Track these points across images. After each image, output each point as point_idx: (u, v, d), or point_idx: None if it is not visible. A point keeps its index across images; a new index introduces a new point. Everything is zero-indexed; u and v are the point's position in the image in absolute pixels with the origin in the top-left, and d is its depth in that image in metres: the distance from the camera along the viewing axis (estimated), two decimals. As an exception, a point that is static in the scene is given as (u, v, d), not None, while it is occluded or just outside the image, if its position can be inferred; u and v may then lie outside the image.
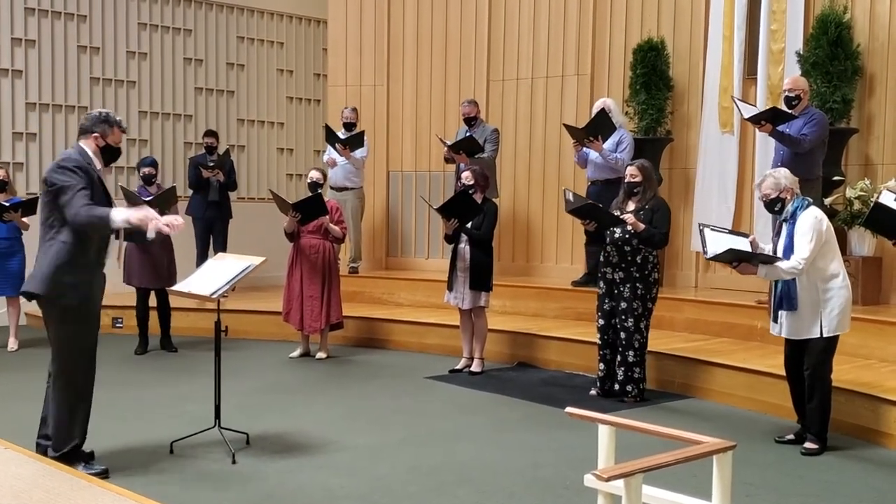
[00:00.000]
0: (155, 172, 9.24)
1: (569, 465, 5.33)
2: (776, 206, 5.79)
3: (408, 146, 11.38)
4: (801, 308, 5.65)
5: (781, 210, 5.77)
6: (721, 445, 3.66)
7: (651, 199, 6.94)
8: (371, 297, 10.50)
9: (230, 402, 6.14)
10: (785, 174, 5.84)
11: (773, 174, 5.87)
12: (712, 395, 7.16)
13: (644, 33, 9.57)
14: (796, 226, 5.64)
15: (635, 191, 6.96)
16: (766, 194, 5.80)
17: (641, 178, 6.94)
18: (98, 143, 5.11)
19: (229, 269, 5.66)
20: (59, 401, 5.00)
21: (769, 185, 5.79)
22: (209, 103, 12.09)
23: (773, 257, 5.70)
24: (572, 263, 10.13)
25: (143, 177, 9.15)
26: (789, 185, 5.76)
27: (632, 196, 6.98)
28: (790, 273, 5.58)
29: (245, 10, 12.32)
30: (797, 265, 5.55)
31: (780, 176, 5.80)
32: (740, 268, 5.71)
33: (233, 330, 9.39)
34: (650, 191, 6.95)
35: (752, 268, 5.65)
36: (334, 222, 8.59)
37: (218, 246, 10.45)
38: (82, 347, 5.03)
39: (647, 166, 7.07)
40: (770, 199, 5.79)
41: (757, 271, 5.63)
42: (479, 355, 8.11)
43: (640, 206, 6.91)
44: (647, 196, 6.93)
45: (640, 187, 6.94)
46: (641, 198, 6.94)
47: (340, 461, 5.49)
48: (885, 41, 8.28)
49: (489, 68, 10.85)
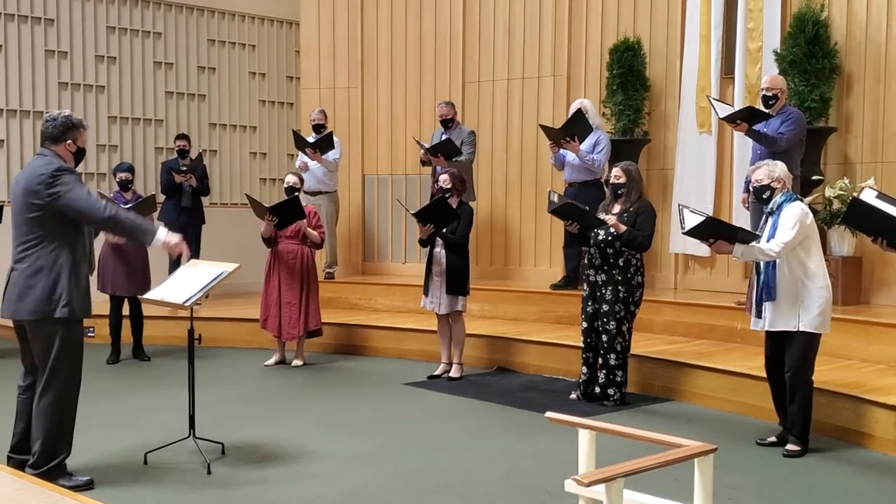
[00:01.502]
0: (131, 178, 9.19)
1: (550, 471, 5.34)
2: (765, 193, 5.82)
3: (383, 149, 11.37)
4: (779, 298, 5.69)
5: (769, 200, 5.81)
6: (702, 448, 3.68)
7: (636, 200, 6.97)
8: (347, 302, 10.48)
9: (205, 412, 6.11)
10: (781, 166, 5.90)
11: (769, 163, 5.94)
12: (693, 398, 7.20)
13: (620, 33, 9.62)
14: (781, 215, 5.68)
15: (619, 192, 6.99)
16: (759, 180, 5.84)
17: (626, 180, 6.96)
18: (70, 149, 5.12)
19: (202, 275, 5.63)
20: (48, 415, 4.98)
21: (763, 172, 5.85)
22: (180, 107, 12.03)
23: (753, 234, 5.73)
24: (551, 266, 10.16)
25: (119, 182, 9.09)
26: (782, 177, 5.81)
27: (617, 198, 7.01)
28: (766, 255, 5.62)
29: (216, 13, 12.27)
30: (775, 247, 5.59)
31: (775, 166, 5.88)
32: (716, 245, 5.70)
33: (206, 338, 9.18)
34: (635, 192, 6.98)
35: (728, 246, 5.64)
36: (312, 226, 8.57)
37: (191, 252, 10.37)
38: (76, 359, 5.06)
39: (631, 168, 7.09)
40: (761, 185, 5.83)
41: (733, 250, 5.65)
42: (458, 360, 8.11)
43: (625, 208, 6.95)
44: (633, 198, 6.96)
45: (625, 188, 6.97)
46: (626, 199, 6.97)
47: (318, 470, 5.47)
48: (863, 39, 8.36)
49: (464, 70, 10.87)
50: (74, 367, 5.07)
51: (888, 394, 6.03)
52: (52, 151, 5.06)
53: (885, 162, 8.21)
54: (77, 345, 5.08)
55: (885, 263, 8.12)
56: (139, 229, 5.14)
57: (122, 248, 8.50)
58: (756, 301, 5.84)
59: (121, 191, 9.03)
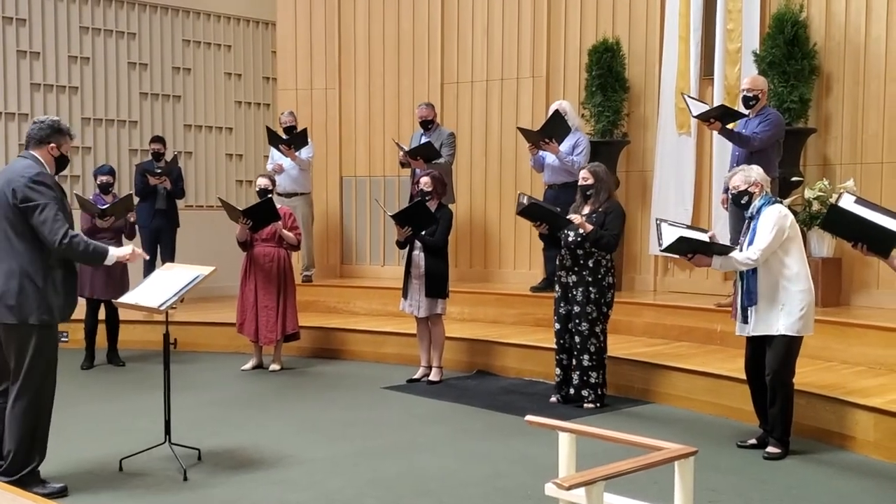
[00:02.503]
0: (112, 181, 9.15)
1: (530, 474, 5.36)
2: (743, 199, 5.86)
3: (361, 151, 11.36)
4: (760, 302, 5.73)
5: (748, 205, 5.84)
6: (682, 451, 3.70)
7: (605, 201, 7.04)
8: (325, 306, 10.46)
9: (181, 417, 6.08)
10: (757, 170, 5.93)
11: (744, 168, 5.97)
12: (673, 400, 7.23)
13: (599, 34, 9.65)
14: (759, 220, 5.72)
15: (588, 193, 7.06)
16: (736, 186, 5.87)
17: (594, 181, 7.05)
18: (53, 153, 5.10)
19: (177, 279, 5.61)
20: (21, 422, 4.94)
21: (739, 178, 5.88)
22: (155, 108, 11.97)
23: (728, 247, 5.79)
24: (531, 269, 10.18)
25: (99, 185, 9.05)
26: (759, 181, 5.85)
27: (586, 199, 7.09)
28: (744, 264, 5.67)
29: (191, 13, 12.23)
30: (752, 255, 5.63)
31: (751, 171, 5.90)
32: (695, 259, 5.77)
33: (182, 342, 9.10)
34: (603, 193, 7.06)
35: (706, 259, 5.73)
36: (288, 228, 8.55)
37: (165, 255, 10.36)
38: (51, 365, 5.04)
39: (598, 169, 7.18)
40: (739, 191, 5.86)
41: (712, 262, 5.70)
42: (438, 364, 8.12)
43: (594, 209, 7.02)
44: (601, 198, 7.04)
45: (593, 189, 7.04)
46: (595, 200, 7.04)
47: (296, 476, 5.46)
48: (841, 40, 8.42)
49: (443, 71, 10.88)
50: (49, 373, 5.04)
51: (868, 396, 6.08)
52: (34, 155, 5.04)
53: (865, 163, 8.27)
54: (52, 350, 5.04)
55: (865, 265, 8.19)
56: (91, 256, 5.06)
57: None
58: (741, 306, 5.88)
59: (101, 193, 8.98)
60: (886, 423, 5.75)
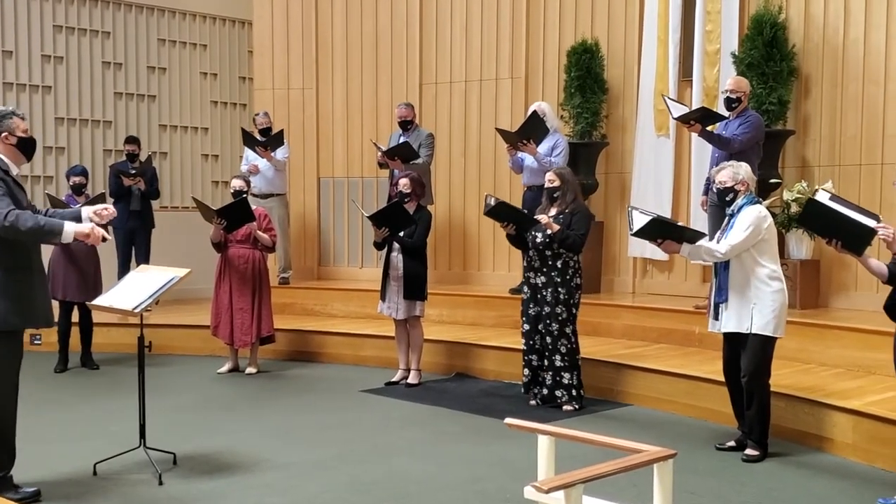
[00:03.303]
0: (85, 182, 9.12)
1: (509, 477, 5.37)
2: (728, 195, 5.88)
3: (339, 151, 11.36)
4: (732, 299, 5.77)
5: (732, 202, 5.87)
6: (661, 454, 3.73)
7: (571, 202, 7.12)
8: (302, 308, 10.45)
9: (156, 421, 6.06)
10: (746, 169, 5.95)
11: (733, 165, 5.98)
12: (652, 403, 7.27)
13: (578, 35, 9.70)
14: (738, 217, 5.76)
15: (555, 196, 7.13)
16: (723, 182, 5.88)
17: (560, 183, 7.13)
18: (8, 141, 4.96)
19: (152, 281, 5.59)
20: None
21: (727, 175, 5.89)
22: (129, 108, 11.91)
23: (700, 233, 5.81)
24: (510, 271, 10.20)
25: (72, 186, 9.00)
26: (746, 180, 5.88)
27: (553, 201, 7.16)
28: (711, 255, 5.71)
29: (166, 12, 12.18)
30: (721, 248, 5.67)
31: (739, 168, 5.92)
32: (664, 245, 5.78)
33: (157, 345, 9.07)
34: (570, 194, 7.14)
35: (675, 245, 5.74)
36: (262, 229, 8.52)
37: (140, 257, 10.31)
38: (15, 369, 4.96)
39: (564, 172, 7.29)
40: (725, 187, 5.87)
41: (680, 249, 5.73)
42: (416, 367, 8.13)
43: (561, 210, 7.10)
44: (567, 199, 7.12)
45: (559, 192, 7.11)
46: (561, 202, 7.12)
47: (273, 480, 5.45)
48: (820, 42, 8.50)
49: (421, 71, 10.89)
50: (8, 380, 4.94)
51: (847, 398, 6.14)
52: None
53: (843, 165, 8.35)
54: (12, 357, 4.94)
55: (843, 267, 8.26)
56: (42, 232, 4.80)
57: (72, 251, 8.42)
58: (713, 303, 5.93)
59: (73, 195, 8.93)
60: (864, 425, 5.80)
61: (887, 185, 8.04)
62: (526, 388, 7.33)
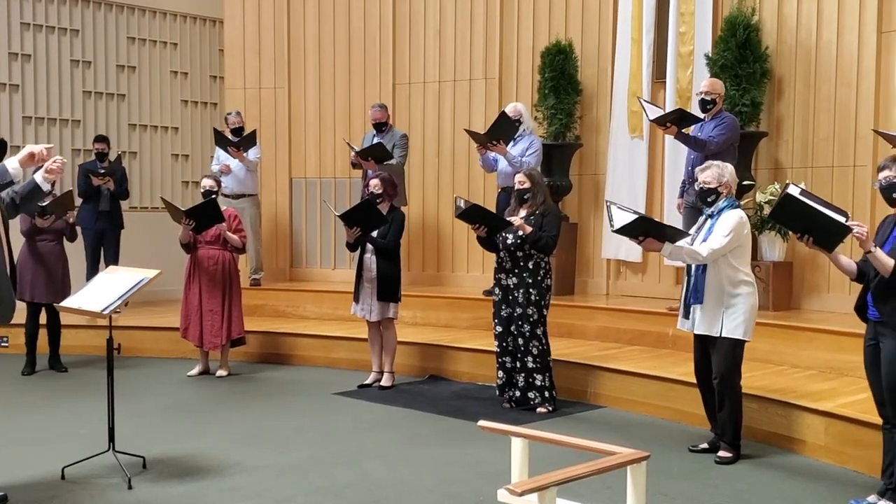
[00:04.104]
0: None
1: (482, 480, 5.38)
2: (710, 196, 5.88)
3: (311, 151, 11.34)
4: (706, 302, 5.79)
5: (713, 203, 5.89)
6: (635, 456, 3.76)
7: (541, 204, 7.15)
8: (274, 310, 10.42)
9: (125, 425, 6.03)
10: (730, 171, 5.95)
11: (718, 165, 5.95)
12: (626, 405, 7.31)
13: (552, 36, 9.73)
14: (719, 220, 5.78)
15: (525, 197, 7.16)
16: (707, 182, 5.87)
17: (530, 185, 7.16)
18: None
19: (121, 282, 5.57)
20: None
21: (712, 175, 5.87)
22: (98, 107, 11.84)
23: (684, 232, 5.80)
24: (483, 272, 10.21)
25: None
26: (729, 182, 5.90)
27: (523, 203, 7.18)
28: (692, 257, 5.71)
29: (136, 10, 12.11)
30: (703, 251, 5.68)
31: (724, 170, 5.91)
32: (646, 243, 5.74)
33: (126, 348, 9.12)
34: (540, 196, 7.18)
35: (657, 244, 5.70)
36: (232, 230, 8.48)
37: (109, 258, 10.25)
38: None
39: (534, 173, 7.33)
40: (709, 188, 5.86)
41: (662, 248, 5.70)
42: (389, 369, 8.13)
43: (531, 212, 7.12)
44: (538, 201, 7.15)
45: (530, 193, 7.14)
46: (532, 203, 7.14)
47: (244, 484, 5.44)
48: (793, 43, 8.57)
49: (394, 71, 10.89)
50: None
51: (819, 399, 6.20)
52: None
53: (816, 167, 8.42)
54: None
55: (816, 269, 8.34)
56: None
57: (40, 252, 8.37)
58: (685, 303, 5.96)
59: (40, 193, 8.86)
60: (836, 426, 5.86)
61: (859, 186, 8.13)
62: (500, 390, 7.35)
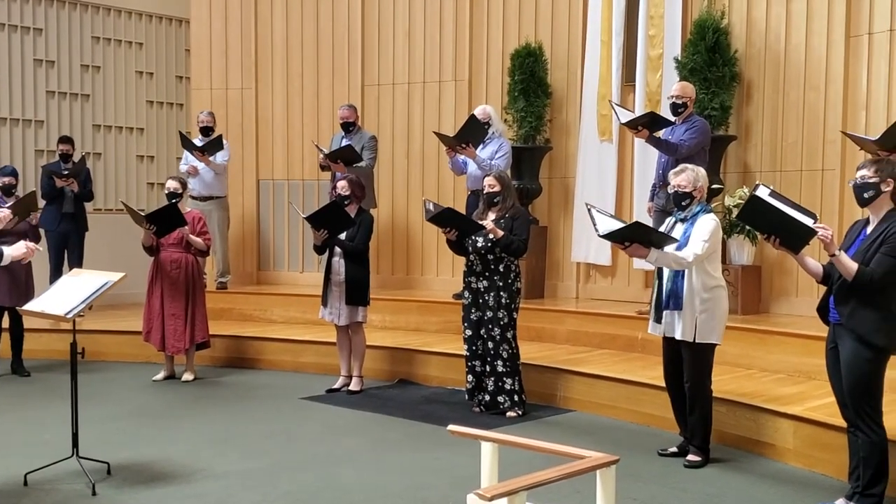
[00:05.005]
0: (15, 183, 8.98)
1: (452, 485, 5.40)
2: (685, 200, 5.91)
3: (279, 153, 11.30)
4: (685, 308, 5.82)
5: (687, 207, 5.92)
6: (604, 460, 3.78)
7: (510, 207, 7.18)
8: (241, 313, 10.37)
9: (89, 430, 5.99)
10: (703, 174, 5.99)
11: (693, 169, 5.98)
12: (595, 408, 7.35)
13: (522, 38, 9.77)
14: (696, 226, 5.81)
15: (495, 200, 7.18)
16: (682, 185, 5.89)
17: (500, 188, 7.17)
18: None
19: (85, 285, 5.55)
20: None
21: (688, 179, 5.89)
22: (62, 108, 11.75)
23: (671, 238, 5.76)
24: (453, 275, 10.22)
25: (2, 187, 8.83)
26: (703, 187, 5.94)
27: (492, 206, 7.21)
28: (678, 262, 5.72)
29: (101, 9, 12.03)
30: (688, 257, 5.69)
31: (698, 174, 5.95)
32: (631, 249, 5.67)
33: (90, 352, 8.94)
34: (510, 199, 7.21)
35: (643, 250, 5.64)
36: (196, 233, 8.43)
37: (73, 261, 10.18)
38: None
39: (504, 176, 7.36)
40: (684, 191, 5.89)
41: (647, 255, 5.66)
42: (358, 373, 8.12)
43: (501, 215, 7.14)
44: (507, 205, 7.18)
45: (500, 196, 7.16)
46: (501, 207, 7.17)
47: (210, 490, 5.42)
48: (762, 47, 8.65)
49: (363, 72, 10.88)
50: None
51: (788, 403, 6.26)
52: None
53: (784, 171, 8.51)
54: None
55: (784, 272, 8.43)
56: None
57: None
58: (657, 307, 5.99)
59: (3, 195, 8.79)
60: (805, 430, 5.92)
61: (827, 190, 8.22)
62: (470, 394, 7.36)
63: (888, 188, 4.76)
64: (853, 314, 4.77)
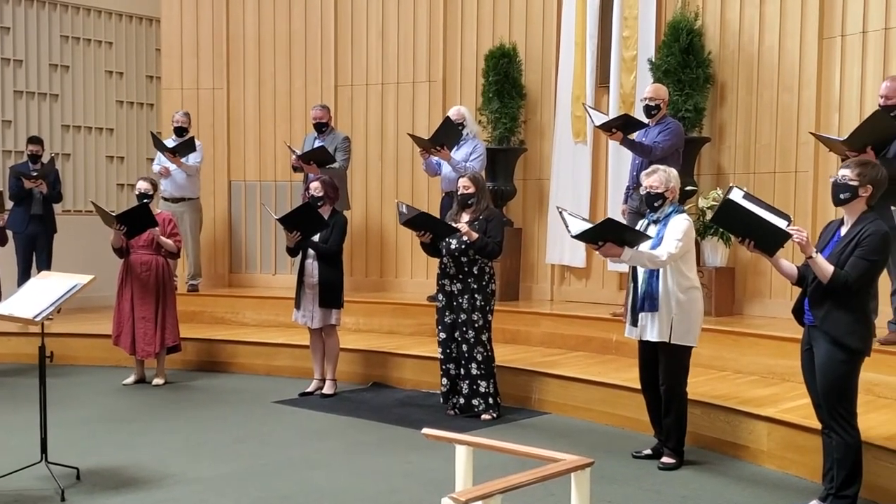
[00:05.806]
0: None
1: (426, 489, 5.40)
2: (657, 201, 5.93)
3: (251, 154, 11.26)
4: (660, 309, 5.85)
5: (660, 208, 5.95)
6: (578, 462, 3.80)
7: (485, 209, 7.20)
8: (213, 316, 10.33)
9: (58, 435, 5.95)
10: (675, 175, 6.02)
11: (665, 169, 6.01)
12: (570, 411, 7.37)
13: (496, 39, 9.79)
14: (669, 226, 5.83)
15: (469, 202, 7.19)
16: (654, 186, 5.92)
17: (475, 189, 7.19)
18: None
19: (54, 288, 5.51)
20: None
21: (659, 179, 5.92)
22: (31, 108, 11.66)
23: (644, 235, 5.78)
24: (427, 278, 10.21)
25: None
26: (675, 188, 5.98)
27: (466, 207, 7.22)
28: (652, 261, 5.74)
29: (69, 7, 11.95)
30: (662, 255, 5.71)
31: (670, 174, 5.98)
32: (605, 248, 5.67)
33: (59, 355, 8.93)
34: (484, 201, 7.23)
35: (617, 249, 5.65)
36: (167, 235, 8.38)
37: (41, 263, 10.12)
38: None
39: (478, 177, 7.37)
40: (656, 192, 5.92)
41: (622, 254, 5.67)
42: (332, 376, 8.11)
43: (475, 217, 7.15)
44: (481, 207, 7.20)
45: (474, 198, 7.18)
46: (476, 208, 7.18)
47: (181, 496, 5.39)
48: (735, 49, 8.72)
49: (337, 73, 10.86)
50: None
51: (761, 405, 6.30)
52: None
53: (758, 173, 8.57)
54: None
55: (758, 274, 8.49)
56: None
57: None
58: (633, 309, 6.02)
59: (-30, 196, 8.74)
60: (779, 432, 5.97)
61: (801, 192, 8.29)
62: (444, 397, 7.37)
63: (865, 193, 4.80)
64: (827, 316, 4.81)
